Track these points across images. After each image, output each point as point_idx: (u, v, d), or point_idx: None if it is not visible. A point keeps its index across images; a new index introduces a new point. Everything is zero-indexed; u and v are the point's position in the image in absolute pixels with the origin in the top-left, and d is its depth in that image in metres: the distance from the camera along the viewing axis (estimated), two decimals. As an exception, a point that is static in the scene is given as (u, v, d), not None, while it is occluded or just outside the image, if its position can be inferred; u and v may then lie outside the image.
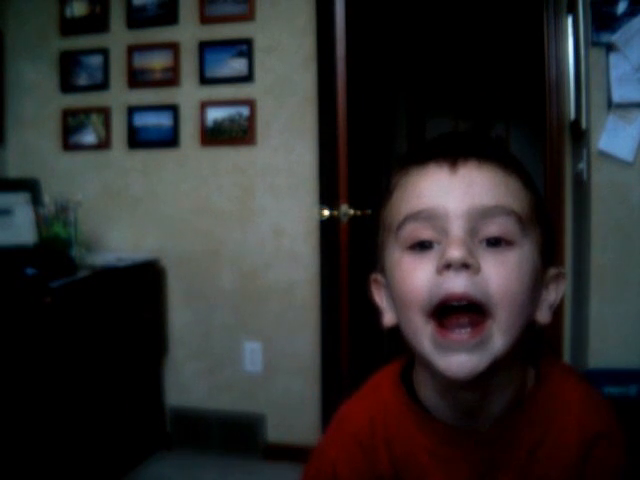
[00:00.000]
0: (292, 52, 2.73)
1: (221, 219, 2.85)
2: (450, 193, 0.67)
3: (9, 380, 2.14)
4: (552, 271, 0.72)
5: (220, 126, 2.81)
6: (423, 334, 0.67)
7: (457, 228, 0.65)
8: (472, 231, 0.66)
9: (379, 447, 0.76)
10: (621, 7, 2.14)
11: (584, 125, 2.26)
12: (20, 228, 2.56)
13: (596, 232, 2.21)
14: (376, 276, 0.76)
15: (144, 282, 2.79)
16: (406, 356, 0.79)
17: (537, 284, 0.69)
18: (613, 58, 2.16)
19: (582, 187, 2.35)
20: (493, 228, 0.66)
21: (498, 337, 0.65)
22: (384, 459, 0.75)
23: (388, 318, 0.73)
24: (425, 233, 0.67)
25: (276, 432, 2.79)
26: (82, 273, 2.45)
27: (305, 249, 2.75)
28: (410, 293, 0.67)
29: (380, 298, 0.76)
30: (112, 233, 2.95)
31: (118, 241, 2.95)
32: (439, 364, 0.65)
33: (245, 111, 2.78)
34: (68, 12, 2.96)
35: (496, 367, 0.67)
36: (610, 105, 2.17)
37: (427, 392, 0.74)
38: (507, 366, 0.69)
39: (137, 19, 2.88)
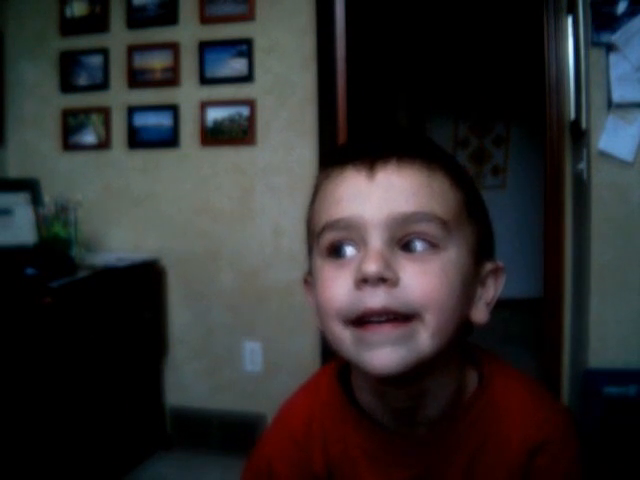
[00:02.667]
0: (292, 52, 2.73)
1: (221, 219, 2.85)
2: (368, 201, 0.64)
3: (9, 380, 2.14)
4: (488, 266, 0.69)
5: (220, 126, 2.81)
6: (343, 337, 0.65)
7: (375, 239, 0.63)
8: (391, 239, 0.63)
9: (315, 446, 0.75)
10: (621, 7, 2.14)
11: (584, 125, 2.26)
12: (20, 228, 2.56)
13: (596, 232, 2.21)
14: (307, 277, 0.75)
15: (144, 282, 2.79)
16: (340, 365, 0.77)
17: (468, 284, 0.66)
18: (613, 58, 2.16)
19: (582, 187, 2.35)
20: (413, 235, 0.63)
21: (425, 337, 0.62)
22: (319, 459, 0.74)
23: (318, 322, 0.70)
24: (343, 241, 0.65)
25: (276, 432, 2.79)
26: (82, 273, 2.45)
27: (305, 249, 2.74)
28: (329, 303, 0.65)
29: (312, 299, 0.73)
30: (112, 233, 2.95)
31: (118, 241, 2.95)
32: (364, 360, 0.63)
33: (245, 111, 2.78)
34: (68, 12, 2.96)
35: (426, 368, 0.65)
36: (610, 105, 2.17)
37: (363, 394, 0.73)
38: (440, 368, 0.67)
39: (137, 19, 2.88)
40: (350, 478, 0.73)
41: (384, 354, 0.62)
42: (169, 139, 2.88)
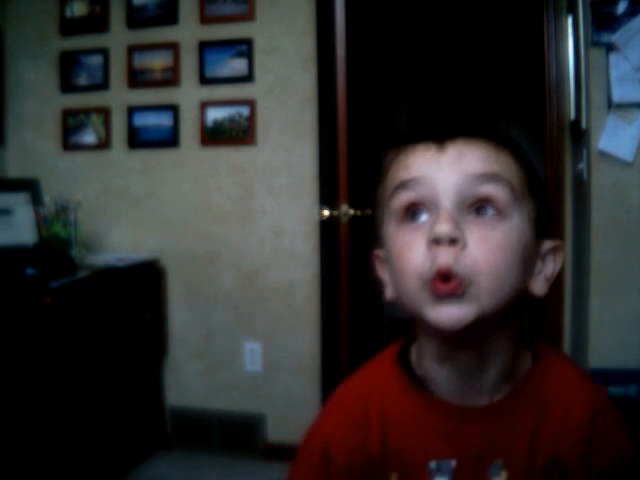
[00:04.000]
0: (292, 52, 2.73)
1: (221, 219, 2.85)
2: (438, 165, 0.69)
3: (9, 380, 2.14)
4: (548, 244, 0.74)
5: (220, 126, 2.81)
6: (416, 295, 0.69)
7: (446, 200, 0.67)
8: (461, 201, 0.68)
9: (372, 425, 0.76)
10: (621, 7, 2.14)
11: (584, 125, 2.26)
12: (20, 228, 2.56)
13: (596, 232, 2.21)
14: (378, 252, 0.78)
15: (144, 282, 2.79)
16: (402, 341, 0.81)
17: (528, 255, 0.71)
18: (613, 58, 2.16)
19: (582, 187, 2.35)
20: (483, 194, 0.68)
21: (485, 296, 0.67)
22: (376, 438, 0.76)
23: (389, 292, 0.75)
24: (414, 199, 0.69)
25: (276, 432, 2.79)
26: (82, 273, 2.45)
27: (305, 249, 2.75)
28: (406, 267, 0.69)
29: (383, 273, 0.77)
30: (112, 233, 2.95)
31: (118, 241, 2.95)
32: (430, 315, 0.68)
33: (245, 111, 2.78)
34: (68, 12, 2.96)
35: (487, 327, 0.70)
36: (610, 105, 2.17)
37: (427, 363, 0.76)
38: (499, 331, 0.72)
39: (137, 19, 2.88)
40: (411, 454, 0.74)
41: (450, 309, 0.67)
42: (169, 139, 2.88)
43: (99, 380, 2.44)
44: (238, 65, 2.78)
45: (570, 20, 2.46)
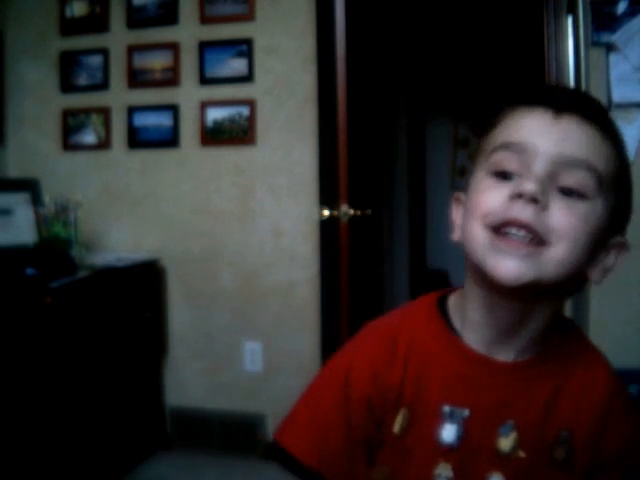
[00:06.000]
0: (292, 52, 2.73)
1: (221, 219, 2.85)
2: (547, 135, 0.71)
3: (9, 380, 2.14)
4: (617, 239, 0.76)
5: (220, 126, 2.81)
6: (479, 239, 0.71)
7: (540, 167, 0.70)
8: (552, 175, 0.70)
9: (398, 360, 0.78)
10: (621, 7, 2.14)
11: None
12: (20, 228, 2.56)
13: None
14: (459, 195, 0.81)
15: (144, 282, 2.79)
16: (440, 291, 0.84)
17: (598, 242, 0.73)
18: (613, 58, 2.16)
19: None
20: (571, 179, 0.70)
21: (551, 263, 0.69)
22: (399, 372, 0.77)
23: (457, 234, 0.78)
24: (511, 164, 0.72)
25: (276, 432, 2.79)
26: (82, 273, 2.45)
27: (305, 249, 2.75)
28: (480, 206, 0.72)
29: (457, 215, 0.79)
30: (112, 233, 2.95)
31: (118, 241, 2.95)
32: (489, 263, 0.70)
33: (245, 111, 2.78)
34: (68, 12, 2.96)
35: (541, 291, 0.71)
36: (610, 105, 2.17)
37: (469, 310, 0.77)
38: (546, 300, 0.74)
39: (137, 19, 2.88)
40: (427, 393, 0.76)
41: (510, 264, 0.68)
42: (169, 139, 2.88)
43: (99, 380, 2.44)
44: (238, 65, 2.78)
45: (570, 20, 2.46)
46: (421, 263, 4.72)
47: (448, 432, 0.75)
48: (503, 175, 0.72)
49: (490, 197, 0.71)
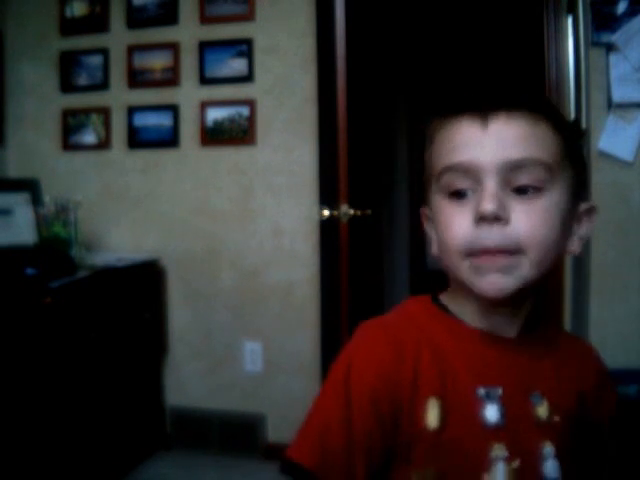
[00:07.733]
0: (292, 52, 2.73)
1: (221, 219, 2.85)
2: (482, 148, 0.73)
3: (9, 380, 2.14)
4: (583, 206, 0.79)
5: (220, 126, 2.81)
6: (461, 265, 0.75)
7: (490, 181, 0.72)
8: (503, 182, 0.72)
9: (407, 352, 0.77)
10: (621, 7, 2.14)
11: (584, 125, 2.26)
12: (20, 228, 2.56)
13: (596, 232, 2.21)
14: (425, 210, 0.84)
15: (144, 282, 2.79)
16: (430, 294, 0.86)
17: (567, 221, 0.76)
18: (613, 58, 2.16)
19: (582, 187, 2.35)
20: (522, 178, 0.72)
21: (528, 267, 0.73)
22: (409, 363, 0.76)
23: (434, 248, 0.81)
24: (462, 183, 0.74)
25: (276, 432, 2.79)
26: (82, 273, 2.45)
27: (305, 249, 2.75)
28: (451, 240, 0.75)
29: (429, 229, 0.83)
30: (112, 233, 2.95)
31: (118, 241, 2.95)
32: (476, 285, 0.74)
33: (245, 111, 2.78)
34: (68, 12, 2.96)
35: (528, 291, 0.76)
36: (610, 105, 2.17)
37: (466, 313, 0.80)
38: (534, 289, 0.78)
39: (137, 19, 2.88)
40: (456, 379, 0.76)
41: (494, 280, 0.73)
42: (169, 139, 2.88)
43: (99, 380, 2.44)
44: (238, 65, 2.78)
45: (570, 20, 2.46)
46: (421, 263, 4.72)
47: (491, 412, 0.75)
48: (458, 194, 0.75)
49: (455, 226, 0.74)
